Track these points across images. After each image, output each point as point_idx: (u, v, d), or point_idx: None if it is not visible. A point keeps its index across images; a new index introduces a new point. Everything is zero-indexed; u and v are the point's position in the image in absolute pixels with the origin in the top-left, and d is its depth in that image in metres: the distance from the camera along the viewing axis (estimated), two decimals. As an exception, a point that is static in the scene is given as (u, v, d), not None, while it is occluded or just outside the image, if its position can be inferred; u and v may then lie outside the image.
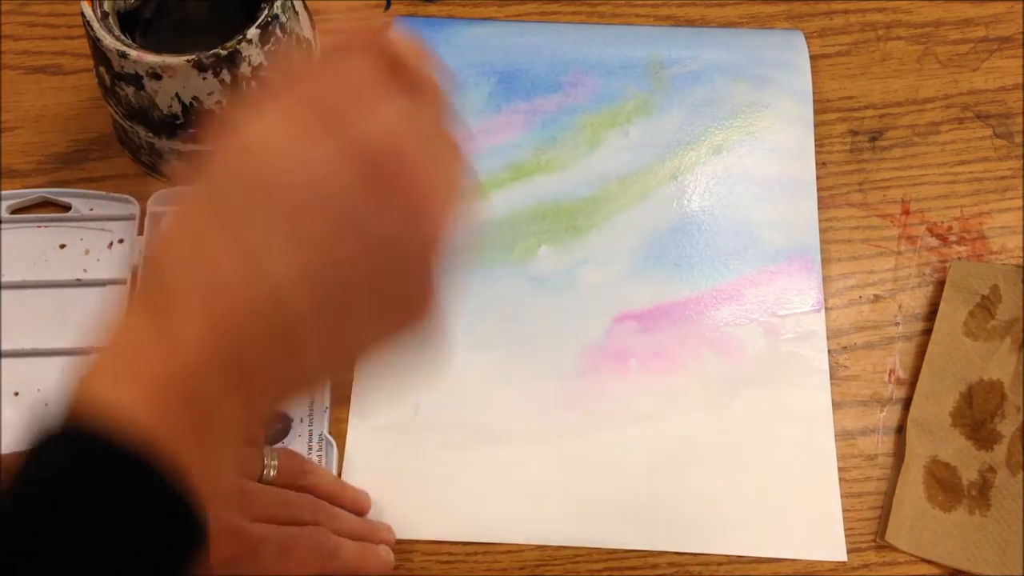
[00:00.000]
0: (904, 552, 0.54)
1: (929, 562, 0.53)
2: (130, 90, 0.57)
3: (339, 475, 0.55)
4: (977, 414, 0.56)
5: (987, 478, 0.54)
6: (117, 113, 0.60)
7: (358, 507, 0.53)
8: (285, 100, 0.32)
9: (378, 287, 0.32)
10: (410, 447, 0.56)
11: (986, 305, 0.58)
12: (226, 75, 0.56)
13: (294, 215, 0.30)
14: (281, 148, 0.31)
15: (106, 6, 0.57)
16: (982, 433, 0.55)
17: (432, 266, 0.33)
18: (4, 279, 0.59)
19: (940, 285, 0.60)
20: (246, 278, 0.30)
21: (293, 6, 0.59)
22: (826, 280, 0.61)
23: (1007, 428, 0.55)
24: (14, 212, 0.62)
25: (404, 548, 0.54)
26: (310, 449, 0.55)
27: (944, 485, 0.55)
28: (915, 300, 0.60)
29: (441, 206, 0.33)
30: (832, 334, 0.59)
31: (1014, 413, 0.55)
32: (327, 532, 0.49)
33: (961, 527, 0.54)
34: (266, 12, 0.57)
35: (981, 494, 0.54)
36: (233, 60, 0.56)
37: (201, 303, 0.30)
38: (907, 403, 0.57)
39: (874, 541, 0.54)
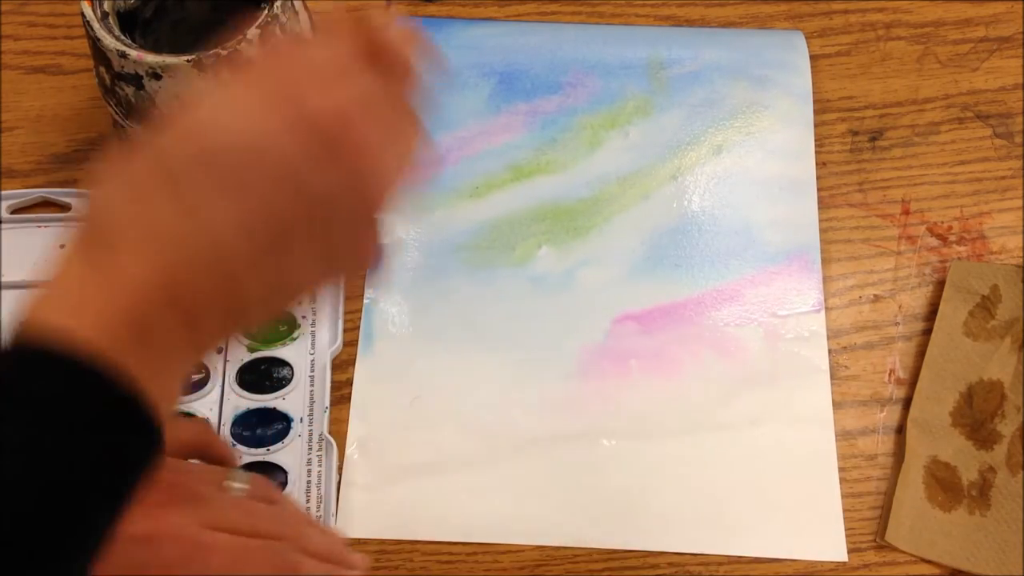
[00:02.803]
0: (904, 552, 0.54)
1: (929, 562, 0.53)
2: (130, 90, 0.57)
3: (339, 475, 0.55)
4: (977, 414, 0.56)
5: (987, 478, 0.54)
6: (117, 113, 0.60)
7: (331, 541, 0.49)
8: (250, 76, 0.35)
9: (318, 240, 0.35)
10: (410, 447, 0.56)
11: (986, 305, 0.58)
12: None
13: (234, 175, 0.33)
14: (230, 117, 0.34)
15: (106, 6, 0.57)
16: (982, 433, 0.55)
17: (374, 223, 0.36)
18: (4, 279, 0.59)
19: (940, 285, 0.60)
20: (187, 230, 0.32)
21: (293, 6, 0.59)
22: (826, 280, 0.61)
23: (1007, 428, 0.55)
24: (14, 212, 0.62)
25: (404, 548, 0.54)
26: (310, 449, 0.55)
27: (944, 485, 0.55)
28: (915, 300, 0.60)
29: (387, 177, 0.36)
30: (832, 334, 0.59)
31: (1014, 413, 0.55)
32: (290, 548, 0.46)
33: (961, 527, 0.54)
34: (266, 12, 0.57)
35: (981, 494, 0.54)
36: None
37: (145, 249, 0.32)
38: (907, 403, 0.57)
39: (874, 541, 0.54)
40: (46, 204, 0.63)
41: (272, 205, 0.33)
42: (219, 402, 0.55)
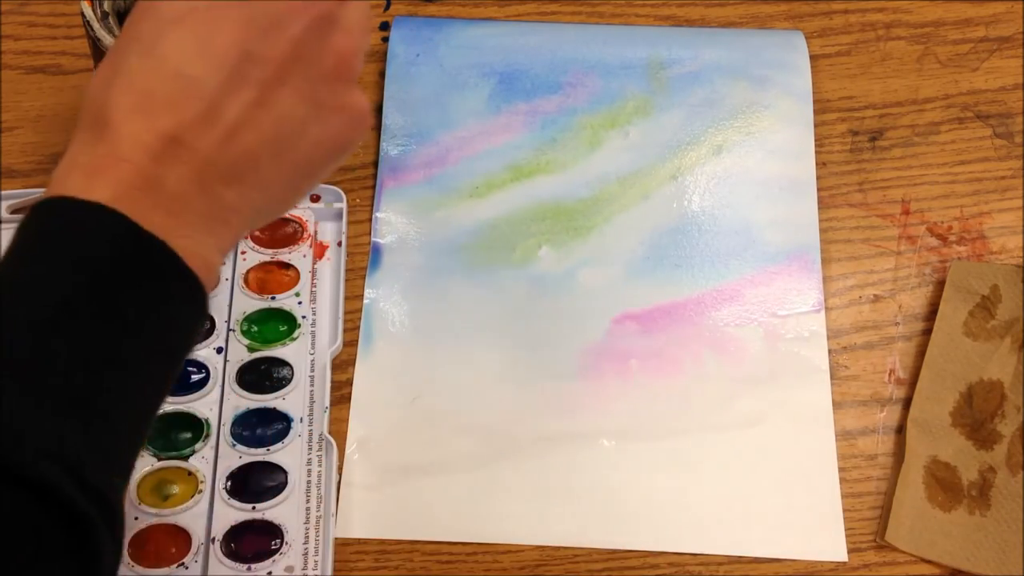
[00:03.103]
0: (904, 552, 0.54)
1: (929, 562, 0.54)
2: (130, 90, 0.57)
3: (339, 475, 0.55)
4: (977, 414, 0.56)
5: (987, 478, 0.54)
6: (117, 113, 0.60)
7: None
8: None
9: (307, 82, 0.36)
10: (410, 448, 0.56)
11: (986, 305, 0.58)
12: None
13: (204, 24, 0.34)
14: None
15: (106, 6, 0.57)
16: (982, 433, 0.56)
17: (356, 69, 0.37)
18: (4, 279, 0.59)
19: (940, 285, 0.60)
20: (175, 87, 0.34)
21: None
22: (826, 280, 0.61)
23: (1007, 428, 0.55)
24: (14, 212, 0.62)
25: (404, 548, 0.54)
26: (310, 449, 0.55)
27: (944, 485, 0.55)
28: (915, 300, 0.60)
29: (353, 5, 0.37)
30: (832, 334, 0.59)
31: (1014, 413, 0.55)
32: None
33: (961, 527, 0.54)
34: (266, 12, 0.57)
35: (981, 494, 0.54)
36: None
37: (141, 118, 0.34)
38: (907, 403, 0.57)
39: (874, 541, 0.54)
40: (46, 204, 0.63)
41: (244, 40, 0.34)
42: (219, 402, 0.55)
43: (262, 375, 0.56)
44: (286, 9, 0.35)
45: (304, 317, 0.58)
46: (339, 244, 0.61)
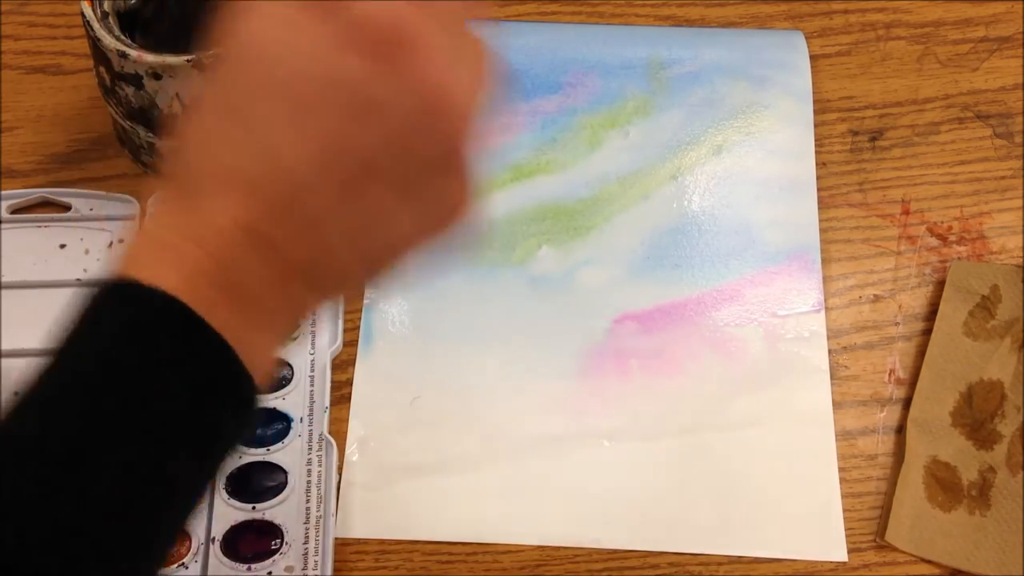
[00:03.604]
0: (904, 552, 0.54)
1: (929, 562, 0.53)
2: (130, 90, 0.57)
3: (339, 475, 0.55)
4: (977, 414, 0.56)
5: (987, 478, 0.54)
6: (117, 113, 0.60)
7: None
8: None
9: (403, 176, 0.32)
10: (410, 448, 0.56)
11: (986, 305, 0.58)
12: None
13: (299, 105, 0.30)
14: (277, 40, 0.31)
15: (106, 6, 0.57)
16: (982, 433, 0.55)
17: (462, 157, 0.33)
18: (4, 279, 0.59)
19: (940, 285, 0.60)
20: (262, 170, 0.31)
21: (293, 6, 0.59)
22: (826, 280, 0.61)
23: (1007, 428, 0.55)
24: (14, 212, 0.62)
25: (404, 548, 0.54)
26: (310, 449, 0.55)
27: (944, 485, 0.55)
28: (915, 300, 0.60)
29: (460, 87, 0.31)
30: (832, 334, 0.59)
31: (1014, 413, 0.55)
32: None
33: (961, 527, 0.54)
34: (266, 12, 0.57)
35: (981, 494, 0.54)
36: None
37: (222, 194, 0.31)
38: (907, 403, 0.57)
39: (874, 541, 0.54)
40: (46, 204, 0.63)
41: (339, 129, 0.30)
42: (219, 402, 0.55)
43: (262, 375, 0.56)
44: (393, 94, 0.30)
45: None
46: (339, 244, 0.61)
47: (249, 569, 0.51)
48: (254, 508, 0.53)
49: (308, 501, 0.53)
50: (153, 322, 0.30)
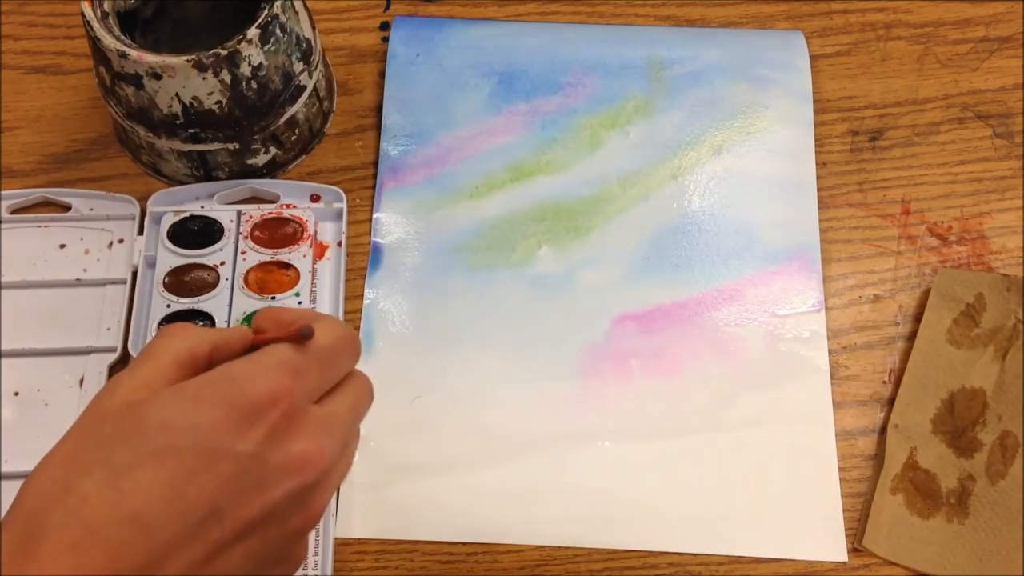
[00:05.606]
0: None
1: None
2: (130, 90, 0.57)
3: (339, 475, 0.55)
4: (958, 422, 0.56)
5: (966, 486, 0.54)
6: (117, 113, 0.60)
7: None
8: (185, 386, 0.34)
9: (258, 549, 0.34)
10: (410, 448, 0.56)
11: (970, 313, 0.58)
12: (226, 75, 0.56)
13: (185, 470, 0.32)
14: (161, 400, 0.33)
15: (106, 6, 0.57)
16: (963, 441, 0.55)
17: (315, 520, 0.36)
18: (4, 279, 0.59)
19: (940, 285, 0.60)
20: (118, 533, 0.31)
21: (293, 6, 0.59)
22: (826, 280, 0.61)
23: (988, 436, 0.55)
24: (14, 212, 0.62)
25: (404, 548, 0.54)
26: (310, 449, 0.55)
27: (923, 492, 0.55)
28: (915, 300, 0.60)
29: (324, 458, 0.35)
30: (832, 334, 0.59)
31: (995, 421, 0.55)
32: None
33: (939, 534, 0.54)
34: (266, 12, 0.57)
35: (960, 502, 0.54)
36: (233, 60, 0.56)
37: (70, 557, 0.30)
38: (907, 403, 0.57)
39: (852, 547, 0.54)
40: (46, 204, 0.63)
41: (214, 492, 0.32)
42: (219, 402, 0.55)
43: (262, 375, 0.56)
44: (278, 472, 0.34)
45: (304, 317, 0.58)
46: (339, 244, 0.61)
47: (249, 569, 0.51)
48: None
49: (308, 501, 0.53)
50: None
